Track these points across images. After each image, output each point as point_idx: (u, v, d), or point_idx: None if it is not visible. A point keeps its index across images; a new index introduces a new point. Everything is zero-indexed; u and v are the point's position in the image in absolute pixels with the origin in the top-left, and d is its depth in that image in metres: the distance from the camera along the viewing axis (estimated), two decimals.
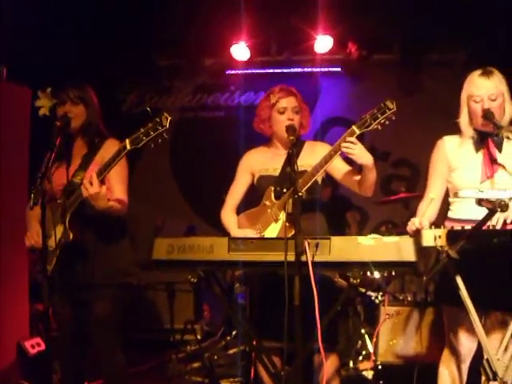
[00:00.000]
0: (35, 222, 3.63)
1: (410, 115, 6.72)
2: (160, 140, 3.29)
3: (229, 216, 3.88)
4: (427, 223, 3.13)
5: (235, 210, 3.91)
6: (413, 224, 3.12)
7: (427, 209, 3.33)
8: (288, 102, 3.71)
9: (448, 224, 3.39)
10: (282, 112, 3.70)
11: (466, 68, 3.53)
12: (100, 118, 3.82)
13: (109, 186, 3.54)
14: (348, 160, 3.61)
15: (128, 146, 3.32)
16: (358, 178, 3.60)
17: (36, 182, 3.49)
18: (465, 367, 3.50)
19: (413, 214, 3.36)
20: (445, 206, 3.57)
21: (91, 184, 3.33)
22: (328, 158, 3.41)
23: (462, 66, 6.55)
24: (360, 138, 3.45)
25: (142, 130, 3.28)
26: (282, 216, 3.48)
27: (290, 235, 3.06)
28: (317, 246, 2.93)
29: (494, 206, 2.72)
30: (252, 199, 3.84)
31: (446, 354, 3.56)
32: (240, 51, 6.93)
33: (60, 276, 3.43)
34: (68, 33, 6.37)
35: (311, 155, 3.61)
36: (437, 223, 3.35)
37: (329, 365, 3.61)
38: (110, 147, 3.66)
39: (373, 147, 7.07)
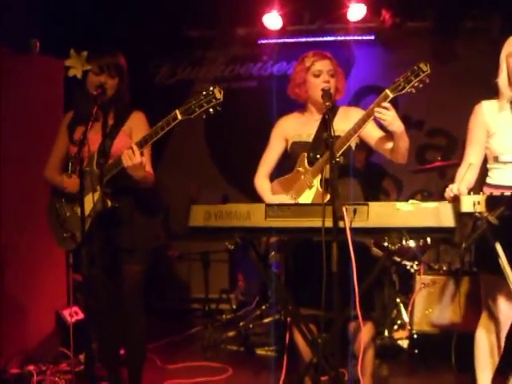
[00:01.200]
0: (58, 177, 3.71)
1: (444, 84, 6.63)
2: (212, 112, 3.33)
3: (262, 182, 3.88)
4: (465, 190, 3.10)
5: (269, 177, 3.90)
6: (451, 190, 3.09)
7: (465, 175, 3.29)
8: (323, 65, 3.68)
9: (487, 190, 3.35)
10: (318, 75, 3.67)
11: (502, 35, 3.46)
12: (129, 88, 3.82)
13: None
14: (382, 126, 3.59)
15: (179, 116, 3.34)
16: (391, 144, 3.55)
17: (72, 149, 3.54)
18: (503, 334, 3.47)
19: (448, 183, 3.31)
20: (483, 172, 3.53)
21: (134, 154, 3.36)
22: (361, 123, 3.39)
23: (498, 32, 6.40)
24: (394, 106, 3.41)
25: (194, 102, 3.31)
26: (316, 182, 3.47)
27: (325, 201, 3.04)
28: (354, 211, 2.92)
29: None
30: (287, 166, 3.82)
31: (483, 320, 3.52)
32: (272, 20, 6.85)
33: (94, 243, 3.45)
34: (99, 6, 6.38)
35: (345, 120, 3.58)
36: (475, 190, 3.33)
37: (364, 333, 3.60)
38: (136, 119, 3.76)
39: (407, 116, 7.02)
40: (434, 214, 2.88)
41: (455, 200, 2.96)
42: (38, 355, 4.76)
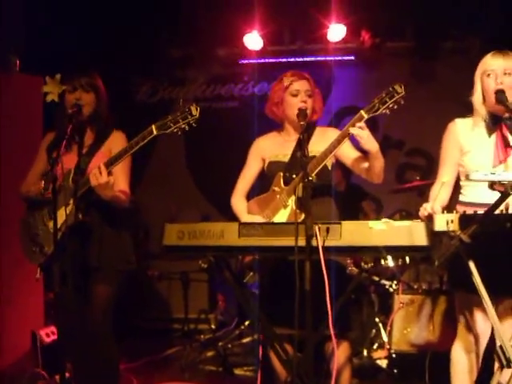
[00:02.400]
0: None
1: (424, 104, 6.69)
2: (187, 128, 3.38)
3: (239, 202, 3.89)
4: (439, 208, 3.10)
5: (245, 196, 3.91)
6: (425, 209, 3.10)
7: (439, 193, 3.31)
8: (301, 85, 3.71)
9: (460, 208, 3.37)
10: (295, 95, 3.70)
11: (481, 55, 3.49)
12: (108, 106, 3.84)
13: (113, 177, 3.57)
14: (357, 148, 3.62)
15: (155, 131, 3.39)
16: (366, 164, 3.57)
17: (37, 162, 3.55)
18: (481, 351, 3.44)
19: (427, 202, 3.34)
20: (456, 190, 3.55)
21: (100, 173, 3.37)
22: (336, 144, 3.40)
23: (477, 53, 6.43)
24: (374, 127, 3.45)
25: (170, 118, 3.38)
26: (291, 202, 3.47)
27: (300, 220, 3.04)
28: (327, 230, 2.92)
29: (506, 189, 2.70)
30: (264, 186, 3.83)
31: (459, 337, 3.51)
32: (253, 41, 6.89)
33: (63, 259, 3.43)
34: (79, 23, 6.38)
35: (322, 141, 3.59)
36: (449, 208, 3.34)
37: (340, 352, 3.60)
38: (116, 139, 3.78)
39: (387, 136, 7.10)
40: (407, 232, 2.88)
41: (429, 218, 2.97)
42: (13, 375, 4.71)
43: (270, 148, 3.84)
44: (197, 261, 5.29)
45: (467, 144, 3.43)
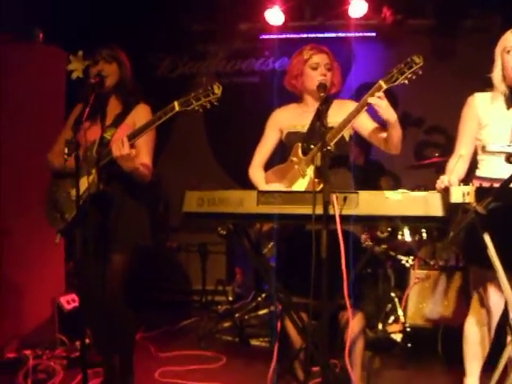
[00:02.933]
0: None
1: (444, 81, 6.68)
2: (209, 106, 3.44)
3: (256, 172, 3.93)
4: (456, 181, 3.14)
5: (263, 167, 3.96)
6: (442, 182, 3.12)
7: (456, 166, 3.34)
8: (321, 59, 3.74)
9: (476, 183, 3.36)
10: (315, 68, 3.73)
11: (502, 33, 3.49)
12: (133, 78, 3.90)
13: (136, 150, 3.65)
14: (375, 119, 3.64)
15: (177, 107, 3.45)
16: (384, 135, 3.59)
17: (66, 133, 3.62)
18: (493, 324, 3.51)
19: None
20: (473, 164, 3.57)
21: (122, 145, 3.44)
22: (355, 113, 3.43)
23: (498, 31, 6.40)
24: (393, 104, 3.46)
25: (193, 95, 3.44)
26: (310, 171, 3.50)
27: (317, 189, 3.08)
28: (344, 199, 2.95)
29: None
30: (282, 156, 3.87)
31: (472, 311, 3.57)
32: (274, 16, 6.88)
33: (82, 227, 3.50)
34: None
35: (339, 113, 3.61)
36: (465, 182, 3.36)
37: (354, 323, 3.63)
38: (141, 111, 3.82)
39: (406, 113, 7.08)
40: (423, 202, 2.91)
41: (446, 191, 2.99)
42: (35, 340, 4.81)
43: (288, 119, 3.86)
44: (215, 233, 5.34)
45: (486, 117, 3.45)
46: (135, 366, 3.92)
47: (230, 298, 6.28)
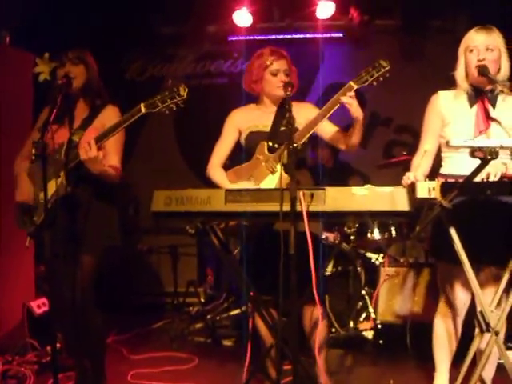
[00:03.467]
0: (24, 175, 3.77)
1: (412, 81, 6.73)
2: (175, 108, 3.44)
3: (217, 171, 3.94)
4: (422, 176, 3.19)
5: (222, 167, 3.98)
6: (407, 178, 3.16)
7: (421, 162, 3.39)
8: (280, 65, 3.81)
9: (441, 180, 3.43)
10: (275, 74, 3.81)
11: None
12: (100, 80, 3.89)
13: (105, 152, 3.64)
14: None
15: (143, 110, 3.45)
16: (342, 135, 3.72)
17: (34, 136, 3.60)
18: (460, 320, 3.60)
19: None
20: (437, 162, 3.63)
21: (90, 148, 3.42)
22: (326, 112, 3.49)
23: (465, 31, 6.50)
24: (361, 104, 3.52)
25: (159, 97, 3.44)
26: (279, 168, 3.53)
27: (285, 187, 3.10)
28: (312, 196, 2.97)
29: (485, 155, 2.76)
30: (239, 157, 3.90)
31: (440, 307, 3.64)
32: (242, 17, 6.90)
33: (51, 229, 3.49)
34: (70, 1, 6.40)
35: (298, 114, 3.63)
36: (430, 178, 3.41)
37: (316, 316, 3.68)
38: (109, 113, 3.80)
39: (375, 113, 7.16)
40: (389, 198, 2.94)
41: (412, 187, 3.02)
42: (5, 346, 4.76)
43: (248, 119, 3.91)
44: (184, 234, 5.34)
45: (449, 115, 3.51)
46: (107, 369, 3.91)
47: (202, 300, 6.28)
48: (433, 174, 3.57)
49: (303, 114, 3.64)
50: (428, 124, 3.61)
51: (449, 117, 3.50)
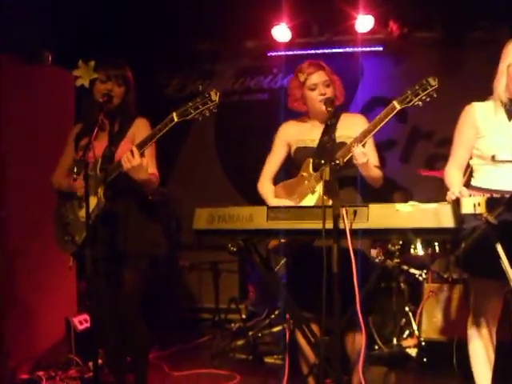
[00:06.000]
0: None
1: (453, 94, 6.61)
2: (208, 114, 3.42)
3: (265, 186, 3.93)
4: (466, 191, 3.13)
5: (272, 181, 3.95)
6: (452, 193, 3.11)
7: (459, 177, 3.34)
8: (318, 77, 3.73)
9: (471, 192, 3.37)
10: (313, 89, 3.73)
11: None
12: (136, 102, 3.91)
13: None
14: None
15: (175, 118, 3.44)
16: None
17: (78, 154, 3.62)
18: (493, 332, 3.50)
19: None
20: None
21: (133, 156, 3.42)
22: (366, 134, 3.41)
23: (506, 42, 6.42)
24: (403, 118, 3.47)
25: (191, 104, 3.43)
26: (319, 188, 3.50)
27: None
28: (354, 213, 2.93)
29: None
30: (290, 171, 3.87)
31: (471, 320, 3.54)
32: (281, 33, 6.89)
33: (93, 247, 3.48)
34: (111, 18, 6.47)
35: (348, 126, 3.61)
36: None
37: (359, 339, 3.64)
38: (139, 125, 3.83)
39: (416, 127, 7.08)
40: (434, 214, 2.88)
41: (456, 202, 2.97)
42: (48, 361, 4.83)
43: (297, 133, 3.86)
44: (226, 251, 5.34)
45: (484, 127, 3.44)
46: None
47: (243, 316, 6.25)
48: None
49: (354, 125, 3.56)
50: (461, 135, 3.55)
51: (484, 129, 3.43)
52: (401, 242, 5.20)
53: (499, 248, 2.98)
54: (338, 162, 3.07)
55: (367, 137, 3.41)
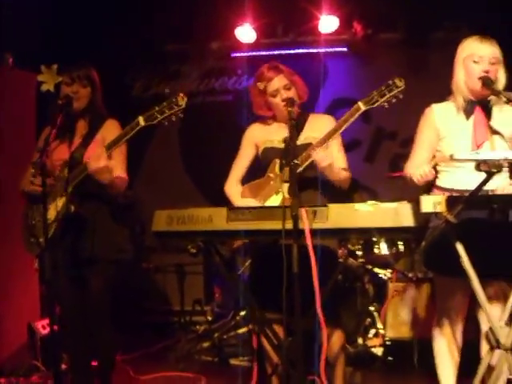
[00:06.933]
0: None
1: (416, 94, 6.61)
2: (174, 118, 3.42)
3: (232, 187, 3.90)
4: (433, 171, 3.24)
5: (240, 182, 3.93)
6: (423, 170, 3.21)
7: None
8: (278, 82, 3.68)
9: (436, 192, 3.40)
10: (275, 95, 3.69)
11: None
12: (103, 101, 3.89)
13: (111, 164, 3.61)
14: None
15: (142, 122, 3.43)
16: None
17: (35, 156, 3.57)
18: (459, 331, 3.55)
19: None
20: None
21: (99, 158, 3.40)
22: (331, 134, 3.41)
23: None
24: (367, 118, 3.47)
25: (157, 108, 3.42)
26: (284, 188, 3.48)
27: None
28: (314, 213, 2.93)
29: (490, 168, 2.72)
30: (257, 172, 3.85)
31: (438, 319, 3.58)
32: (245, 33, 6.88)
33: (57, 250, 3.45)
34: (74, 19, 6.40)
35: (315, 128, 3.60)
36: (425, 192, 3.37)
37: (334, 340, 3.63)
38: (110, 127, 3.81)
39: (380, 127, 7.11)
40: (394, 213, 2.88)
41: (416, 202, 2.96)
42: (10, 367, 4.74)
43: (264, 134, 3.84)
44: (182, 247, 5.31)
45: (444, 129, 3.47)
46: None
47: (209, 318, 6.23)
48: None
49: (322, 127, 3.54)
50: (421, 135, 3.59)
51: (444, 131, 3.47)
52: (361, 242, 5.20)
53: (459, 247, 2.99)
54: (297, 162, 3.05)
55: (331, 138, 3.41)
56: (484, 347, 3.37)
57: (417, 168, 3.40)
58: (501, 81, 3.41)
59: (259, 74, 3.76)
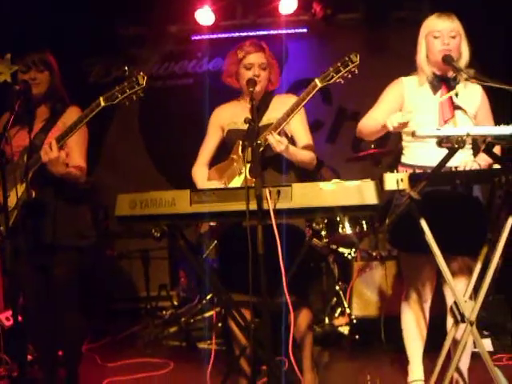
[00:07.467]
0: None
1: (377, 74, 6.66)
2: (135, 98, 3.36)
3: (198, 170, 3.87)
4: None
5: (207, 165, 3.90)
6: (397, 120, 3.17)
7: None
8: (255, 58, 3.69)
9: (401, 169, 3.43)
10: (249, 68, 3.69)
11: None
12: (62, 84, 3.81)
13: (68, 151, 3.58)
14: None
15: (102, 103, 3.37)
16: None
17: None
18: (426, 306, 3.62)
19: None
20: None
21: (51, 149, 3.33)
22: (289, 113, 3.40)
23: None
24: (328, 99, 3.46)
25: (118, 88, 3.36)
26: (246, 169, 3.46)
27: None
28: (278, 193, 2.92)
29: (453, 144, 2.73)
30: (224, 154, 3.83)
31: (406, 294, 3.64)
32: (204, 16, 6.83)
33: (18, 237, 3.39)
34: (29, 5, 6.28)
35: (278, 108, 3.58)
36: (390, 169, 3.38)
37: (301, 319, 3.65)
38: (71, 114, 3.71)
39: (342, 108, 7.13)
40: (357, 192, 2.89)
41: (380, 179, 2.97)
42: None
43: (229, 116, 3.82)
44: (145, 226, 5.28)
45: (411, 103, 3.49)
46: (81, 378, 3.85)
47: (175, 303, 6.21)
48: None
49: (284, 108, 3.49)
50: (386, 99, 3.63)
51: (410, 105, 3.48)
52: (326, 221, 5.23)
53: (423, 223, 3.02)
54: (259, 142, 3.03)
55: (289, 118, 3.40)
56: (449, 321, 3.41)
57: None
58: (463, 55, 3.44)
59: (242, 45, 3.76)
